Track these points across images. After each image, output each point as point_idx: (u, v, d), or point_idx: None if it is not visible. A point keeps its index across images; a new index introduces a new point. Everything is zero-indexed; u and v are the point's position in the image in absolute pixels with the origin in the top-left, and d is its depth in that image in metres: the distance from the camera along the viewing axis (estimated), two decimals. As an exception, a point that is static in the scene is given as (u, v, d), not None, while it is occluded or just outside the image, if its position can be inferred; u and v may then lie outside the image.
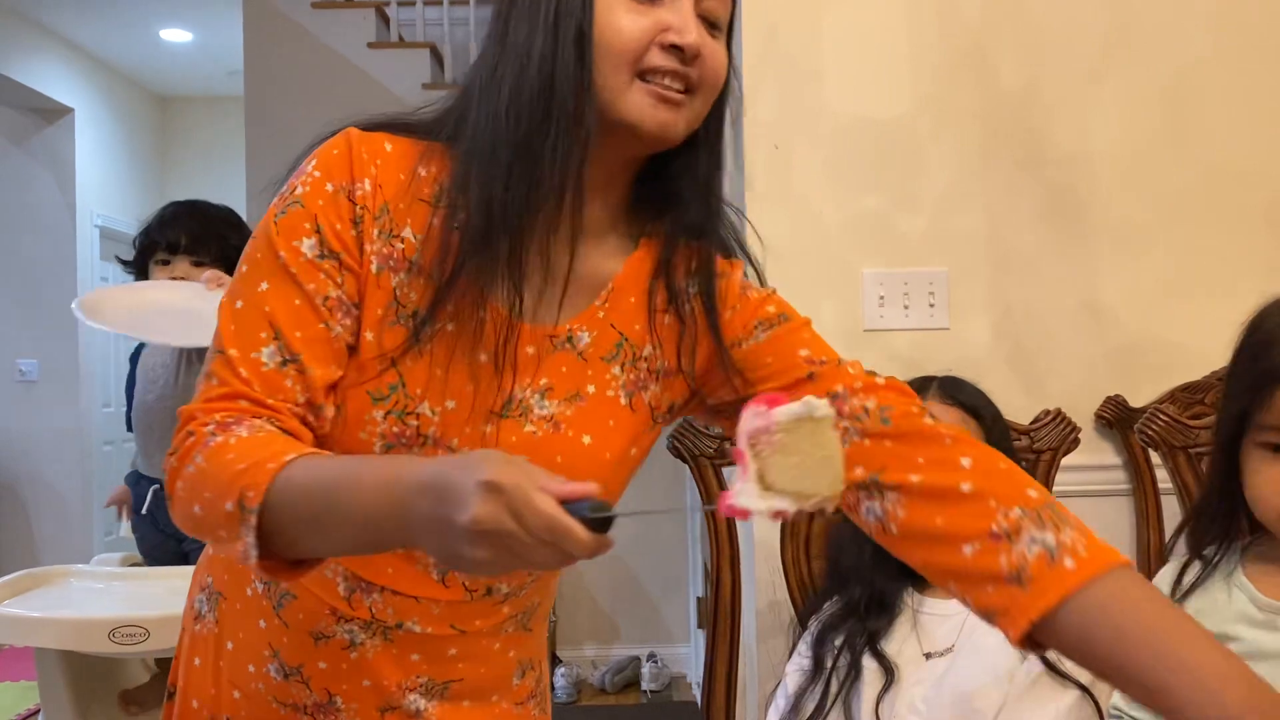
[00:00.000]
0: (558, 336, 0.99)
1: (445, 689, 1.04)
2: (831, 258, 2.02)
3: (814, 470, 0.75)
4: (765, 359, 1.01)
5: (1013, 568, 0.84)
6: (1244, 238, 2.01)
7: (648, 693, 4.13)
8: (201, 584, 1.09)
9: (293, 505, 0.81)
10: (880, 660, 1.40)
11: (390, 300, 0.94)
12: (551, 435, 0.97)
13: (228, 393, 0.90)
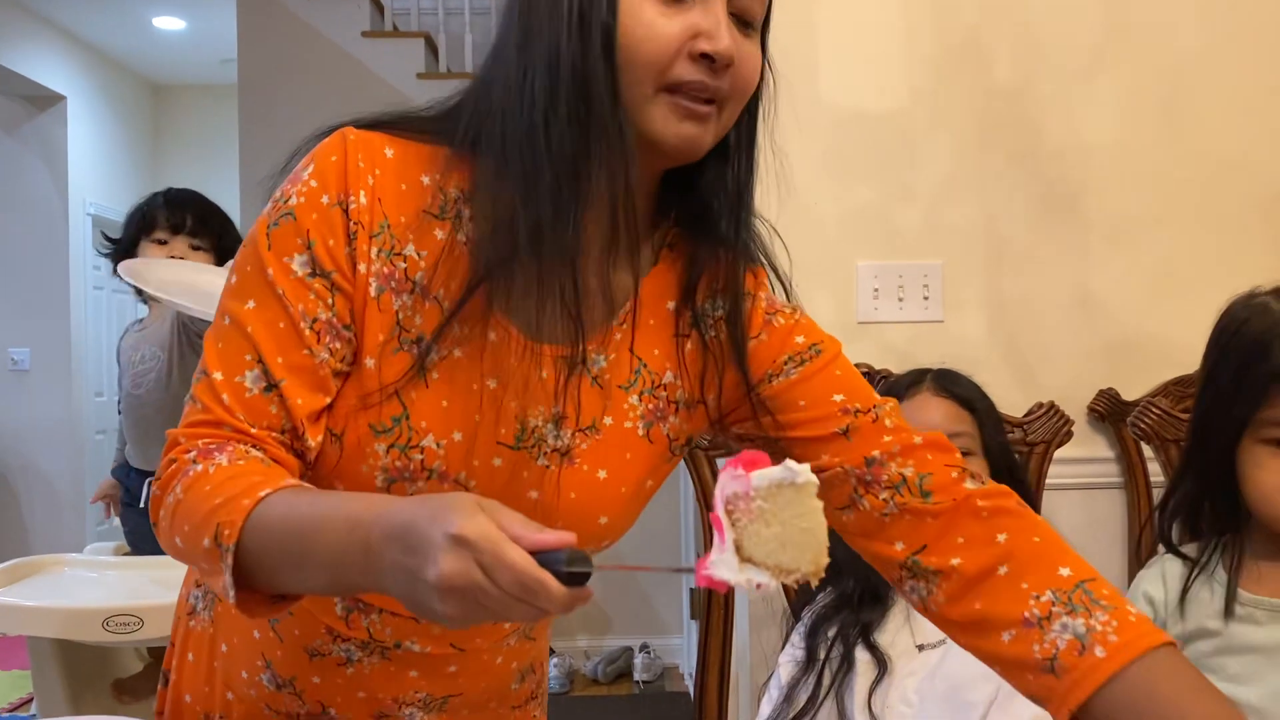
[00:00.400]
0: (568, 356, 0.91)
1: (444, 703, 1.02)
2: (826, 250, 2.02)
3: (794, 542, 0.69)
4: (798, 401, 0.95)
5: (1045, 656, 0.83)
6: (1238, 232, 2.02)
7: (640, 683, 4.15)
8: (197, 580, 1.08)
9: (265, 544, 0.78)
10: (873, 652, 1.40)
11: (393, 325, 0.88)
12: (566, 470, 0.92)
13: (210, 419, 0.86)
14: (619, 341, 0.94)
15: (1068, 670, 0.82)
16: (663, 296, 0.96)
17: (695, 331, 0.95)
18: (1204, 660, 1.03)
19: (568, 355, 0.90)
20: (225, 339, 0.88)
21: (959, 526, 0.90)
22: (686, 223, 0.96)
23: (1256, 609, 1.04)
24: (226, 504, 0.79)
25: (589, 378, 0.93)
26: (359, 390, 0.89)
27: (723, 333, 0.95)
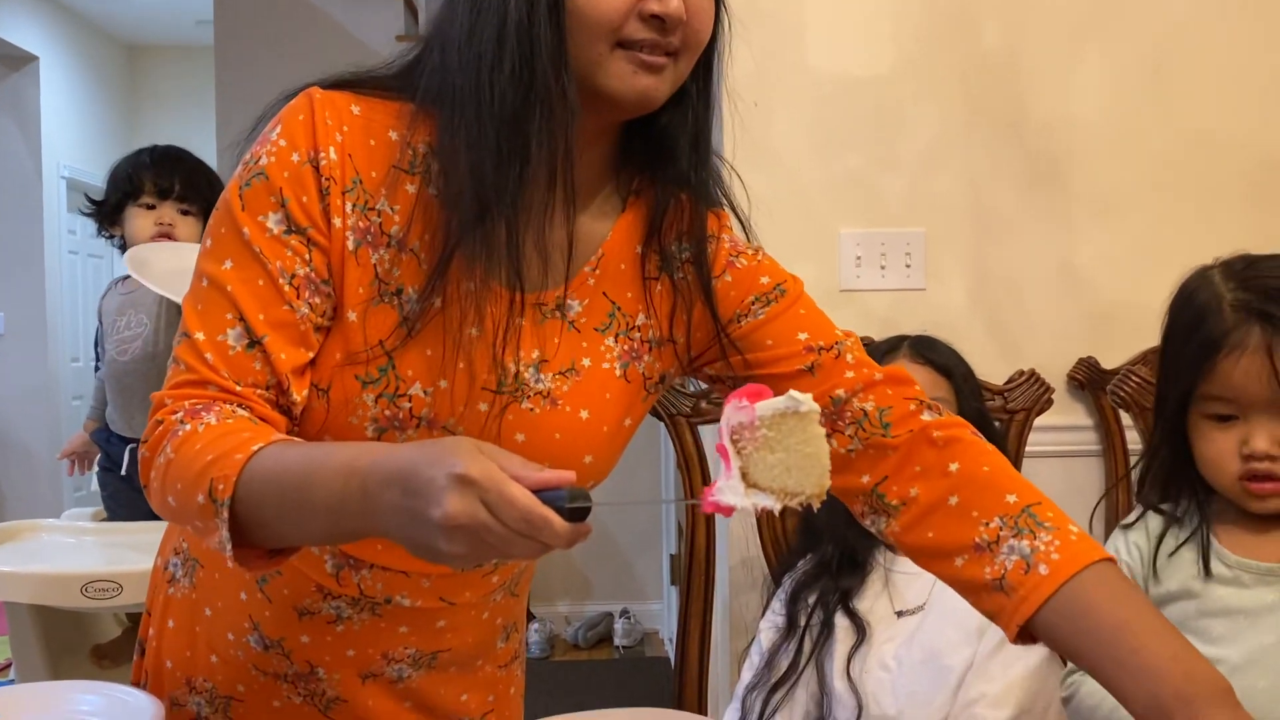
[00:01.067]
0: (546, 304, 0.95)
1: (433, 659, 1.04)
2: (809, 217, 2.01)
3: (799, 467, 0.73)
4: (765, 341, 0.99)
5: (995, 577, 0.89)
6: (1221, 204, 2.02)
7: (620, 648, 4.17)
8: (176, 547, 1.08)
9: (262, 496, 0.79)
10: (852, 618, 1.41)
11: (373, 278, 0.90)
12: (549, 412, 0.95)
13: (195, 379, 0.87)
14: (592, 287, 0.97)
15: (1015, 588, 0.87)
16: (631, 241, 0.99)
17: (664, 274, 0.99)
18: (1187, 623, 1.04)
19: (542, 302, 0.94)
20: (204, 300, 0.89)
21: (916, 456, 0.95)
22: (649, 168, 0.98)
23: (1244, 571, 1.05)
24: (219, 460, 0.80)
25: (565, 322, 0.96)
26: (344, 345, 0.90)
27: (690, 274, 0.99)
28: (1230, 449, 1.05)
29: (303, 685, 1.02)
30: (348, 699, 1.02)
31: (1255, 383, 1.03)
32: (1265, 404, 1.03)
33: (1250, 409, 1.04)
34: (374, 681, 1.02)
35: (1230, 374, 1.05)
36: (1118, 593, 0.86)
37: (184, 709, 1.05)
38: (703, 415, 1.58)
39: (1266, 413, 1.03)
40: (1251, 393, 1.04)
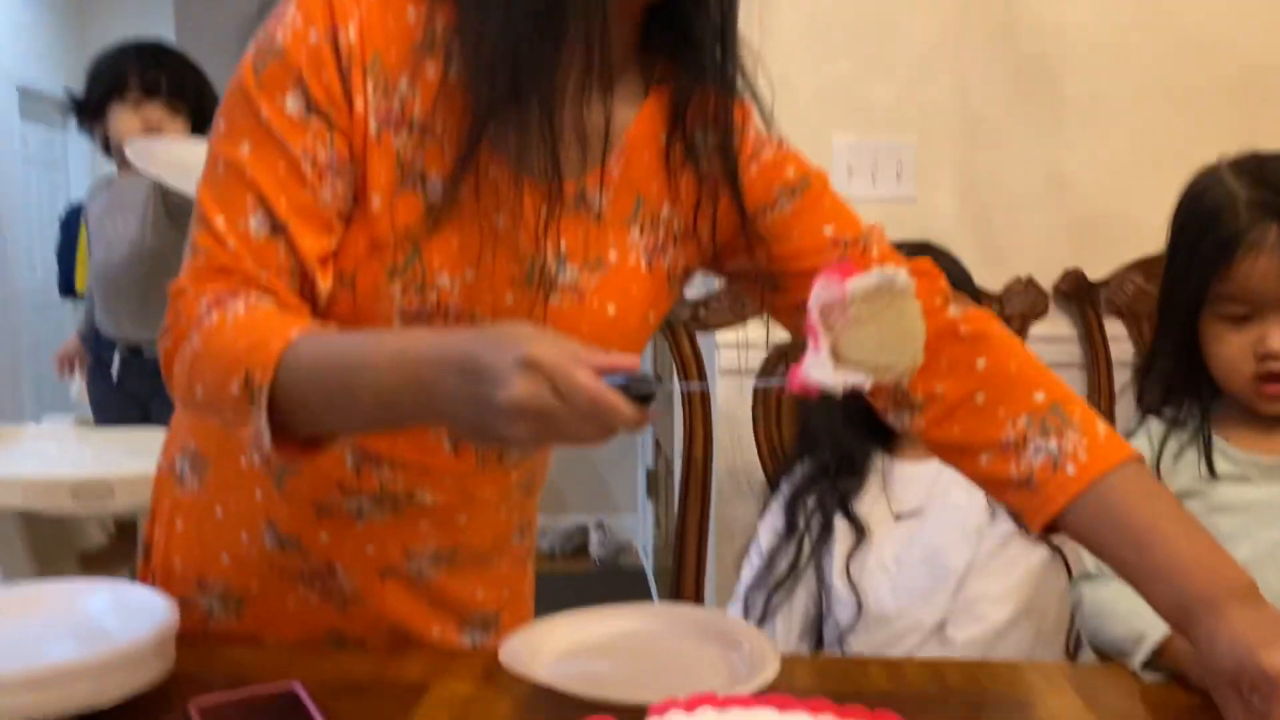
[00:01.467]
0: (568, 194, 0.92)
1: (452, 555, 1.04)
2: (801, 125, 1.97)
3: (892, 342, 0.73)
4: (791, 234, 0.97)
5: (1022, 475, 0.89)
6: (1209, 112, 2.02)
7: (596, 560, 4.22)
8: (182, 447, 1.06)
9: (303, 385, 0.78)
10: (851, 520, 1.43)
11: (395, 164, 0.88)
12: (577, 306, 0.93)
13: (218, 267, 0.85)
14: (617, 177, 0.95)
15: (1041, 486, 0.88)
16: (656, 131, 0.96)
17: (689, 165, 0.96)
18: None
19: (566, 190, 0.91)
20: (223, 185, 0.86)
21: (942, 351, 0.94)
22: (673, 55, 0.95)
23: (1251, 467, 1.07)
24: (254, 348, 0.79)
25: (591, 213, 0.94)
26: (368, 234, 0.88)
27: (716, 165, 0.96)
28: (1245, 350, 1.06)
29: (319, 583, 1.02)
30: (365, 596, 1.02)
31: (1272, 282, 1.03)
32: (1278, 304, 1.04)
33: (1266, 309, 1.05)
34: (392, 579, 1.02)
35: (1248, 274, 1.04)
36: (1143, 493, 0.86)
37: (195, 609, 1.04)
38: (702, 323, 1.57)
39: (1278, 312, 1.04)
40: (1268, 292, 1.04)
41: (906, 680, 0.95)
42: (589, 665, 0.93)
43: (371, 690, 0.91)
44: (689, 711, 0.69)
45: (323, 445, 0.84)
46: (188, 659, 0.93)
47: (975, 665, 1.00)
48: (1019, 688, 0.93)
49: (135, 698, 0.85)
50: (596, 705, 0.76)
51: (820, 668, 1.00)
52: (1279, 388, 1.05)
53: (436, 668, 0.96)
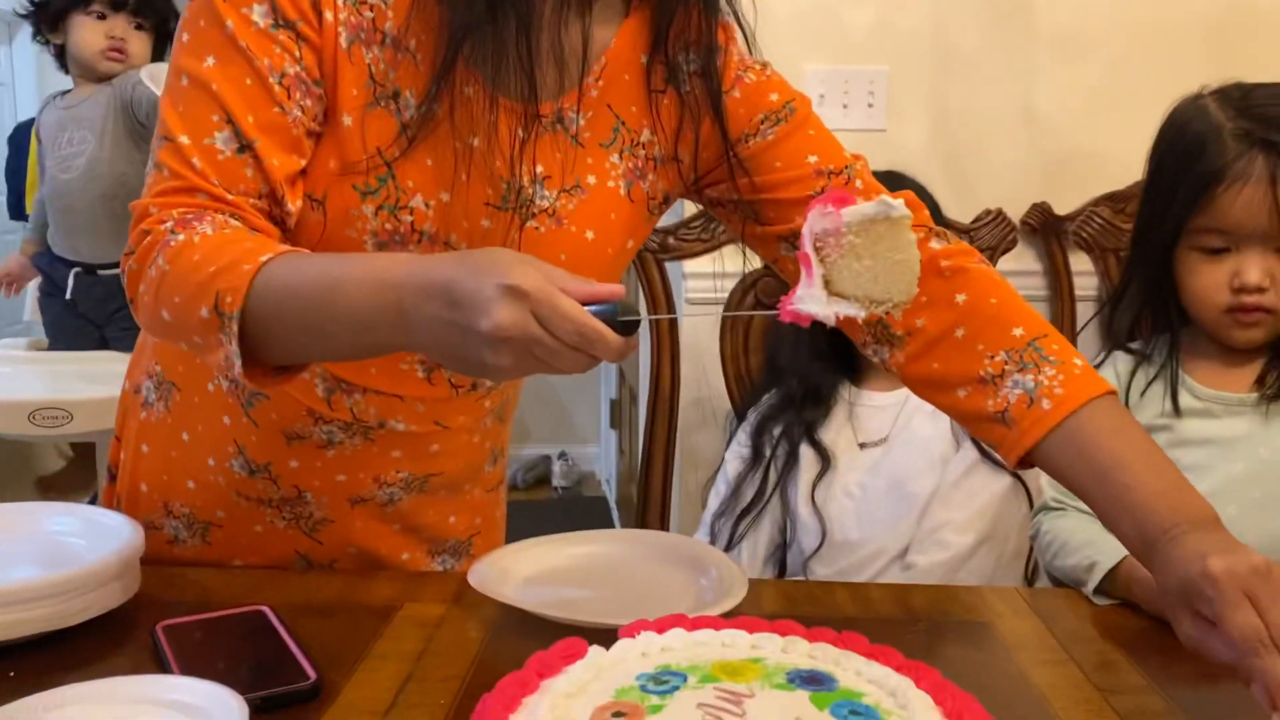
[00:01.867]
0: (545, 116, 0.90)
1: (424, 483, 1.03)
2: (773, 52, 1.96)
3: (886, 274, 0.72)
4: (774, 163, 0.95)
5: (998, 410, 0.90)
6: (1179, 48, 2.01)
7: (558, 489, 4.25)
8: (148, 371, 1.04)
9: (276, 309, 0.76)
10: (817, 448, 1.44)
11: (366, 79, 0.85)
12: (555, 231, 0.91)
13: (183, 185, 0.82)
14: (595, 99, 0.92)
15: (1017, 421, 0.88)
16: (635, 50, 0.94)
17: (671, 87, 0.94)
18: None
19: (540, 112, 0.89)
20: (187, 100, 0.83)
21: (924, 285, 0.91)
22: None
23: (1215, 403, 1.08)
24: (224, 271, 0.76)
25: (568, 136, 0.91)
26: (339, 153, 0.86)
27: (698, 88, 0.94)
28: (1220, 282, 1.06)
29: (288, 509, 1.01)
30: (334, 522, 1.02)
31: (1255, 214, 1.03)
32: (1261, 236, 1.04)
33: (1245, 241, 1.05)
34: (363, 505, 1.02)
35: (1230, 206, 1.04)
36: (1115, 428, 0.86)
37: (160, 533, 1.03)
38: (670, 252, 1.56)
39: (1260, 245, 1.04)
40: (1249, 225, 1.04)
41: (872, 604, 0.97)
42: (559, 589, 0.94)
43: (340, 612, 0.92)
44: (660, 633, 0.70)
45: (295, 372, 0.82)
46: (153, 582, 0.93)
47: (938, 590, 1.02)
48: (980, 611, 0.95)
49: (100, 620, 0.84)
50: (567, 627, 0.77)
51: (787, 592, 1.01)
52: (1254, 315, 1.05)
53: (405, 590, 0.96)
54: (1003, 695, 0.79)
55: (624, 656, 0.67)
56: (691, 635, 0.70)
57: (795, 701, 0.62)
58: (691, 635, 0.70)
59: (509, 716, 0.62)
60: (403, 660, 0.82)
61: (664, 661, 0.67)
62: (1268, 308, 1.05)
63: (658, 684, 0.63)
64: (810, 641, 0.69)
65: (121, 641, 0.84)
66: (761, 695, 0.63)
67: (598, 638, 0.68)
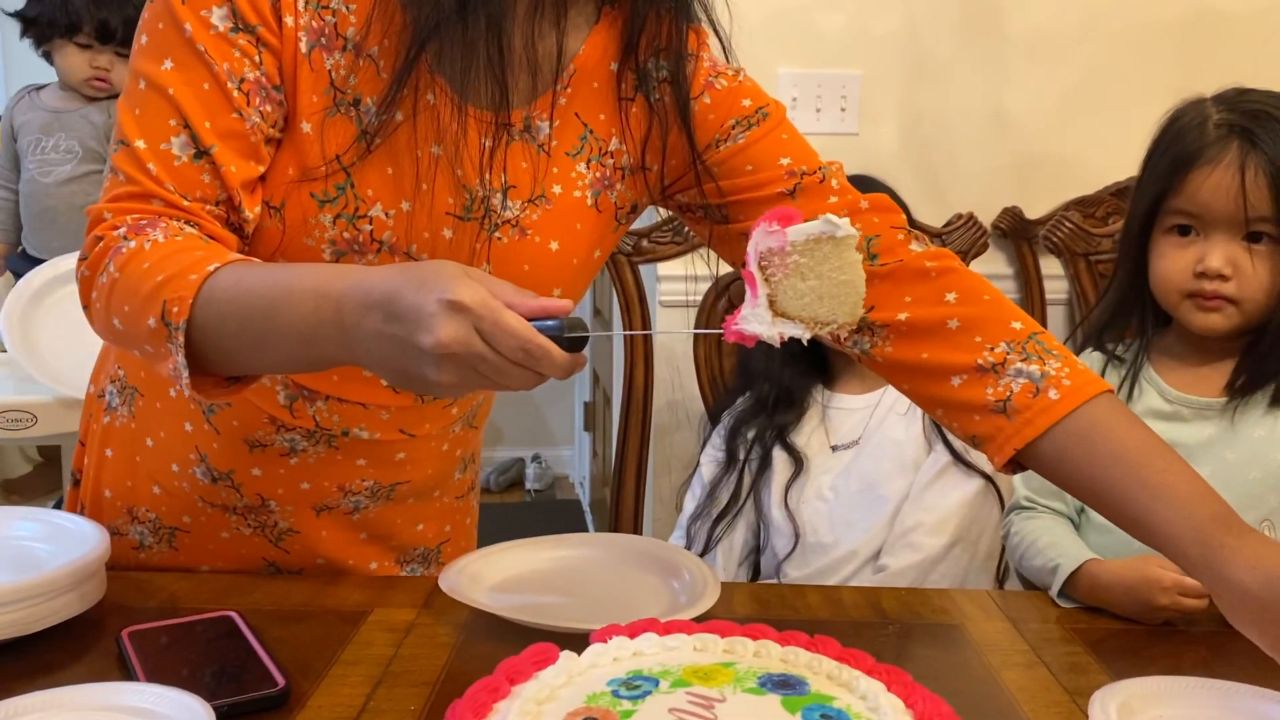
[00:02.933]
0: (513, 125, 0.88)
1: (391, 491, 1.02)
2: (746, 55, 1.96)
3: (831, 294, 0.71)
4: (745, 166, 0.94)
5: (999, 399, 0.86)
6: (1150, 54, 2.03)
7: (531, 492, 4.23)
8: (111, 375, 1.03)
9: (221, 320, 0.75)
10: (789, 451, 1.44)
11: (328, 85, 0.84)
12: (518, 242, 0.90)
13: (138, 191, 0.81)
14: (563, 107, 0.91)
15: (1020, 411, 0.85)
16: (605, 58, 0.92)
17: (640, 95, 0.92)
18: None
19: (506, 121, 0.87)
20: (144, 105, 0.82)
21: (906, 287, 0.91)
22: None
23: (1183, 406, 1.09)
24: (171, 280, 0.75)
25: (534, 145, 0.90)
26: (297, 159, 0.85)
27: (667, 95, 0.92)
28: (1185, 265, 1.07)
29: (253, 517, 1.00)
30: (300, 530, 1.01)
31: (1222, 198, 1.04)
32: (1226, 222, 1.05)
33: (1211, 226, 1.06)
34: (328, 513, 1.01)
35: (1199, 186, 1.06)
36: (1132, 420, 0.84)
37: (125, 539, 1.02)
38: (644, 255, 1.56)
39: (1226, 232, 1.05)
40: (1215, 208, 1.05)
41: (844, 607, 0.97)
42: (531, 593, 0.94)
43: (309, 618, 0.91)
44: (632, 638, 0.70)
45: (245, 384, 0.81)
46: (119, 587, 0.92)
47: (910, 593, 1.02)
48: (951, 614, 0.95)
49: (64, 626, 0.83)
50: (539, 632, 0.76)
51: (760, 595, 1.01)
52: (1214, 301, 1.06)
53: (375, 595, 0.95)
54: (973, 698, 0.79)
55: (596, 662, 0.67)
56: (663, 640, 0.70)
57: (767, 706, 0.62)
58: (663, 640, 0.70)
59: (479, 722, 0.61)
60: (372, 666, 0.82)
61: (636, 666, 0.66)
62: (1227, 296, 1.06)
63: (629, 689, 0.63)
64: (782, 645, 0.69)
65: (86, 648, 0.83)
66: (733, 700, 0.62)
67: (569, 643, 0.68)
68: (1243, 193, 1.03)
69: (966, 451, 1.38)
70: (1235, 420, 1.06)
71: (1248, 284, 1.05)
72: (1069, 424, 0.84)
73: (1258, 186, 1.04)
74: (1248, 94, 1.09)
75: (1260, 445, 1.05)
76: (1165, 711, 0.72)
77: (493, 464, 4.33)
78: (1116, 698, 0.70)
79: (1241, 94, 1.09)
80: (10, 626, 0.79)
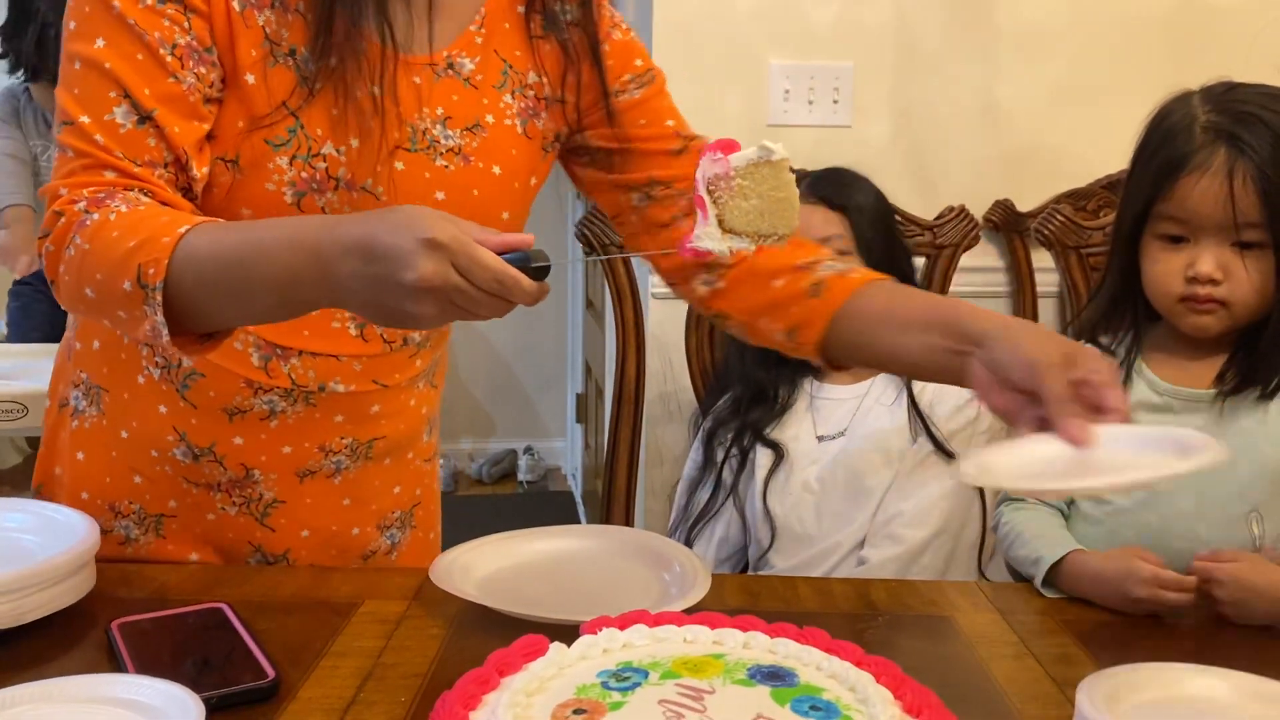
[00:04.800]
0: (437, 64, 0.96)
1: (369, 448, 1.04)
2: (738, 47, 1.97)
3: (772, 211, 0.78)
4: (639, 120, 1.04)
5: (813, 285, 0.99)
6: (1140, 46, 2.04)
7: (524, 483, 4.24)
8: (73, 381, 1.04)
9: (198, 277, 0.79)
10: (770, 446, 1.44)
11: (263, 39, 0.89)
12: (464, 169, 0.97)
13: (90, 164, 0.85)
14: (481, 45, 0.99)
15: (828, 288, 0.98)
16: (513, 1, 1.01)
17: (552, 34, 1.02)
18: None
19: (433, 62, 0.96)
20: (83, 83, 0.86)
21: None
22: None
23: (1174, 398, 1.09)
24: (143, 245, 0.80)
25: (460, 80, 0.98)
26: (245, 110, 0.90)
27: (576, 36, 1.02)
28: (1176, 270, 1.07)
29: (238, 492, 1.01)
30: (285, 500, 1.02)
31: (1210, 205, 1.04)
32: (1216, 228, 1.05)
33: (1201, 231, 1.06)
34: (311, 479, 1.02)
35: (1188, 194, 1.05)
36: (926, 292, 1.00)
37: (111, 535, 1.02)
38: (635, 245, 1.56)
39: (1216, 237, 1.05)
40: (1204, 214, 1.05)
41: (834, 599, 0.97)
42: (521, 585, 0.94)
43: (300, 609, 0.91)
44: (622, 629, 0.70)
45: (220, 338, 0.85)
46: (109, 579, 0.92)
47: (899, 584, 1.02)
48: (941, 605, 0.96)
49: (54, 618, 0.83)
50: (529, 624, 0.76)
51: (750, 587, 1.02)
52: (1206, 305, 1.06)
53: (366, 587, 0.95)
54: (962, 689, 0.79)
55: (585, 653, 0.67)
56: (653, 631, 0.70)
57: (756, 697, 0.62)
58: (653, 631, 0.70)
59: (469, 714, 0.61)
60: (362, 658, 0.82)
61: (625, 658, 0.67)
62: (1219, 299, 1.06)
63: (619, 680, 0.63)
64: (771, 637, 0.69)
65: (76, 640, 0.83)
66: (723, 691, 0.63)
67: (560, 634, 0.68)
68: (1231, 200, 1.04)
69: (948, 441, 1.38)
70: (1224, 413, 1.06)
71: (1238, 287, 1.06)
72: (869, 291, 0.97)
73: (1246, 193, 1.04)
74: (1235, 90, 1.09)
75: (1249, 438, 1.05)
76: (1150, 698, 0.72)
77: (485, 455, 4.34)
78: (1103, 686, 0.71)
79: (1229, 90, 1.09)
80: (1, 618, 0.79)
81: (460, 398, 4.44)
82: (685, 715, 0.60)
